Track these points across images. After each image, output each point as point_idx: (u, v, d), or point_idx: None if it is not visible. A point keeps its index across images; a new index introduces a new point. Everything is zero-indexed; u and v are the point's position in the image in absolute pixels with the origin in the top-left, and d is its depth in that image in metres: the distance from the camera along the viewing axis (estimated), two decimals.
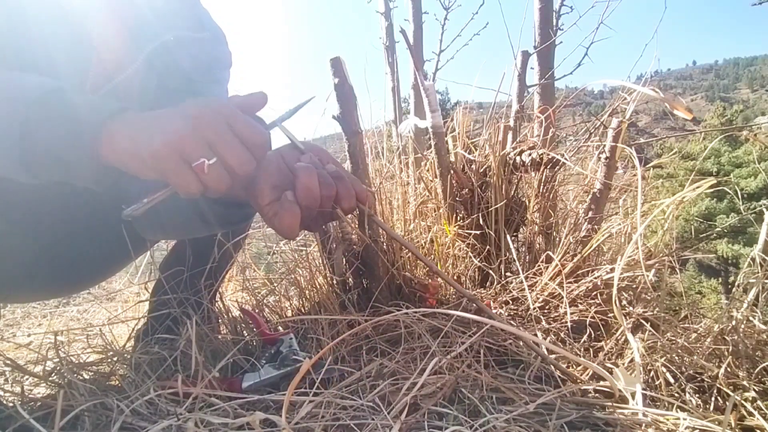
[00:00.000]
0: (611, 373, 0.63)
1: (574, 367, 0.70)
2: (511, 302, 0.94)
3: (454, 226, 1.09)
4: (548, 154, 1.01)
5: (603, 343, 0.77)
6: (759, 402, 0.58)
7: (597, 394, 0.61)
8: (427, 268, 1.05)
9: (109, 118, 0.49)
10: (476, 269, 1.10)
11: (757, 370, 0.64)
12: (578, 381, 0.63)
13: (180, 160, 0.48)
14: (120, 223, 0.77)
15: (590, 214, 0.98)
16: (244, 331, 0.90)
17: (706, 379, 0.65)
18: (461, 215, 1.12)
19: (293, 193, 0.53)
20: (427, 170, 1.20)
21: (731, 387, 0.63)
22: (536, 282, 0.94)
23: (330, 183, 0.54)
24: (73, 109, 0.49)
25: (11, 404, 0.61)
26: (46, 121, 0.48)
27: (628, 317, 0.79)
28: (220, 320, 0.91)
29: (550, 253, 0.98)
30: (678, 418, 0.53)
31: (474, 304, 0.88)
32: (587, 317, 0.80)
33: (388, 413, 0.52)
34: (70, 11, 0.64)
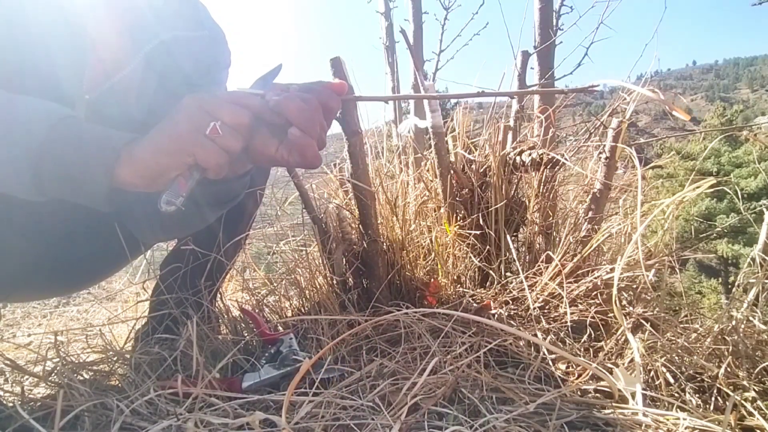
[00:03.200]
0: (611, 373, 0.63)
1: (574, 367, 0.70)
2: (511, 302, 0.94)
3: (454, 226, 1.09)
4: (548, 154, 1.01)
5: (603, 343, 0.77)
6: (759, 402, 0.58)
7: (597, 394, 0.61)
8: (428, 268, 1.05)
9: (126, 144, 0.53)
10: (476, 269, 1.10)
11: (757, 370, 0.64)
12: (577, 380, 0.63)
13: (197, 132, 0.52)
14: (119, 224, 0.77)
15: (590, 214, 0.98)
16: (244, 331, 0.90)
17: (706, 379, 0.65)
18: (461, 215, 1.12)
19: (294, 128, 0.55)
20: (427, 170, 1.20)
21: (731, 387, 0.63)
22: (536, 282, 0.94)
23: (309, 99, 0.57)
24: (91, 135, 0.53)
25: (11, 404, 0.61)
26: (64, 145, 0.51)
27: (628, 317, 0.79)
28: (220, 320, 0.91)
29: (550, 253, 0.98)
30: (678, 418, 0.53)
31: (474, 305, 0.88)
32: (587, 317, 0.80)
33: (388, 413, 0.52)
34: (69, 10, 0.64)
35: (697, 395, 0.63)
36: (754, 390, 0.61)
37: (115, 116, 0.71)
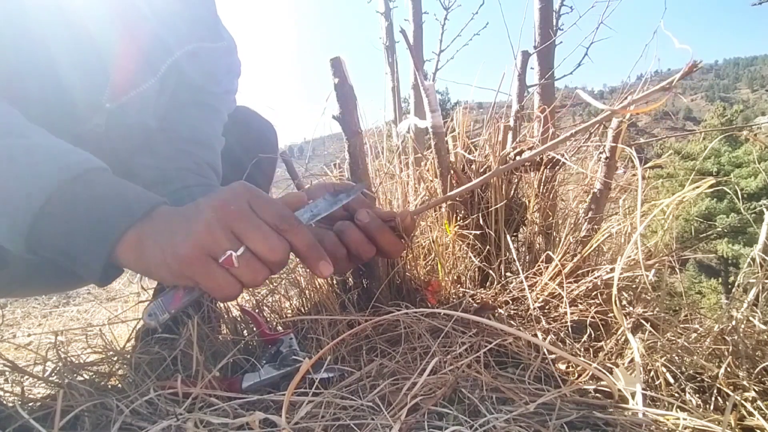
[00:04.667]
0: (611, 373, 0.63)
1: (574, 367, 0.70)
2: (511, 302, 0.94)
3: (454, 226, 1.09)
4: (548, 154, 1.01)
5: (603, 343, 0.77)
6: (759, 402, 0.58)
7: (597, 394, 0.61)
8: (428, 268, 1.05)
9: (136, 221, 0.46)
10: (476, 269, 1.10)
11: (757, 370, 0.64)
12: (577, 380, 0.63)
13: (206, 259, 0.44)
14: None
15: (590, 214, 0.98)
16: (244, 331, 0.90)
17: (706, 379, 0.65)
18: (461, 215, 1.12)
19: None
20: (427, 170, 1.20)
21: (731, 387, 0.63)
22: (536, 282, 0.94)
23: (365, 247, 0.57)
24: (97, 205, 0.46)
25: (11, 404, 0.61)
26: (65, 215, 0.45)
27: (628, 317, 0.79)
28: (220, 320, 0.91)
29: (550, 253, 0.98)
30: (678, 418, 0.53)
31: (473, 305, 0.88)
32: (587, 317, 0.80)
33: (388, 413, 0.52)
34: (83, 32, 0.64)
35: (697, 395, 0.63)
36: (754, 390, 0.61)
37: (132, 124, 0.72)
